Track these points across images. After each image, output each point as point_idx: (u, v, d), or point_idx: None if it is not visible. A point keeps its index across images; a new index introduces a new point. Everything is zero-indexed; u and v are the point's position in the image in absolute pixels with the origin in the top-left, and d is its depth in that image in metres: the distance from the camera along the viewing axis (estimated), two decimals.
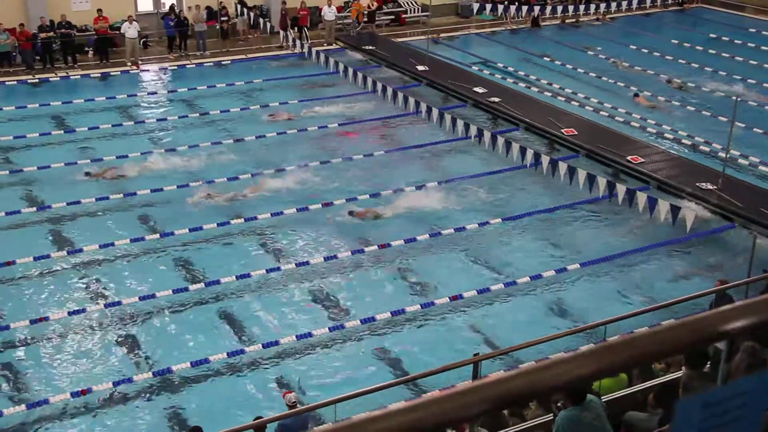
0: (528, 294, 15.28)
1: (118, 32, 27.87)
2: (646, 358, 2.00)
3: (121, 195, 18.47)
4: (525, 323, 14.21)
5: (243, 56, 28.95)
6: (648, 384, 9.03)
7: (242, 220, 17.53)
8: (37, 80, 25.88)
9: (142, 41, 28.63)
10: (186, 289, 15.03)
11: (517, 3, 34.15)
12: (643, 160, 19.90)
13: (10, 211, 17.49)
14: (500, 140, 21.00)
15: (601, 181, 18.46)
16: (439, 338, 14.00)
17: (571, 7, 34.46)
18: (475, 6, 33.54)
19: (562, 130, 21.78)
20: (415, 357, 13.37)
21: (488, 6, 33.28)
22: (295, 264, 15.94)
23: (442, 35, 32.17)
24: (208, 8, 29.66)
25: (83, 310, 14.31)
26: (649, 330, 2.06)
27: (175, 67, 27.78)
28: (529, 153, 20.13)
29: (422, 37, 31.41)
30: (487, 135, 21.43)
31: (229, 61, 28.34)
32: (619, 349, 1.98)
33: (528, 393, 1.96)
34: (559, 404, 7.24)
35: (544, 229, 17.60)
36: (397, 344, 13.80)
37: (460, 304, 14.90)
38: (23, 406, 11.97)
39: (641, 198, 17.74)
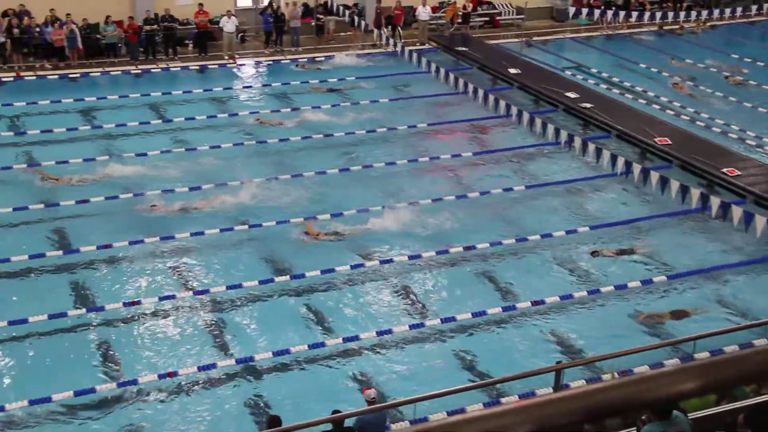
0: (612, 303, 15.02)
1: (217, 26, 28.60)
2: (755, 378, 1.99)
3: (213, 185, 18.93)
4: (608, 333, 13.98)
5: (335, 53, 29.26)
6: (738, 404, 8.78)
7: (328, 216, 17.74)
8: (139, 71, 26.77)
9: (239, 36, 29.28)
10: (272, 281, 15.31)
11: (614, 8, 33.59)
12: (739, 172, 19.32)
13: (108, 196, 18.13)
14: (591, 146, 20.71)
15: (695, 193, 18.01)
16: (519, 343, 13.90)
17: (670, 14, 33.63)
18: (571, 10, 33.08)
19: (656, 139, 21.32)
20: (494, 360, 13.31)
21: (584, 10, 32.79)
22: (379, 261, 16.07)
23: (535, 38, 31.90)
24: (305, 5, 30.11)
25: (173, 296, 14.74)
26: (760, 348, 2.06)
27: (270, 62, 28.30)
28: (620, 161, 19.79)
29: (515, 39, 31.31)
30: (577, 141, 21.17)
31: (322, 58, 28.70)
32: (727, 367, 1.98)
33: (624, 405, 1.98)
34: (643, 418, 7.10)
35: (632, 239, 17.27)
36: (476, 346, 13.76)
37: (542, 309, 14.76)
38: (114, 384, 12.43)
39: (736, 212, 17.23)
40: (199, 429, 11.83)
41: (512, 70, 26.67)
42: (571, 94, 24.53)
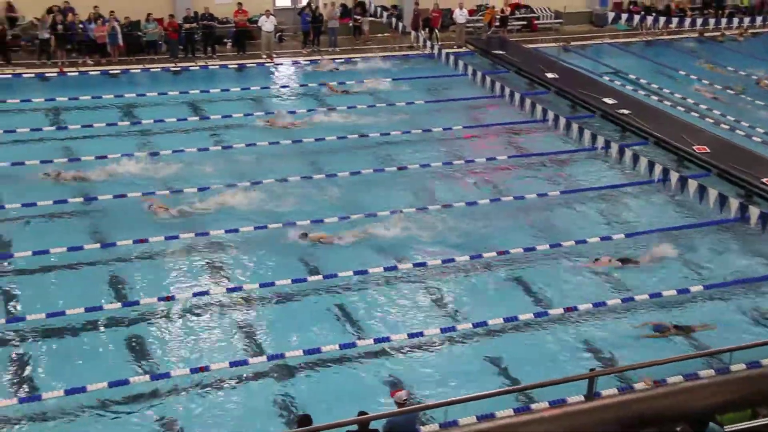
0: (646, 312, 14.87)
1: (255, 26, 28.81)
2: None
3: (248, 183, 19.07)
4: (641, 342, 13.86)
5: (372, 54, 29.35)
6: None
7: (363, 215, 17.78)
8: (178, 68, 27.05)
9: (277, 35, 29.47)
10: (304, 280, 15.39)
11: (654, 14, 33.29)
12: None
13: (146, 191, 18.34)
14: (628, 153, 20.55)
15: (733, 203, 17.79)
16: (550, 349, 13.81)
17: (711, 20, 33.26)
18: (611, 15, 32.86)
19: (694, 147, 21.10)
20: (525, 366, 13.25)
21: (624, 16, 32.54)
22: (412, 264, 16.08)
23: (573, 43, 31.74)
24: (343, 6, 30.21)
25: (207, 293, 14.87)
26: None
27: (307, 62, 28.43)
28: (658, 168, 19.61)
29: (553, 44, 31.18)
30: (614, 147, 21.02)
31: (359, 59, 28.79)
32: (764, 380, 1.97)
33: (660, 416, 1.97)
34: (678, 429, 7.05)
35: (666, 247, 17.08)
36: (507, 351, 13.70)
37: (574, 315, 14.67)
38: (147, 377, 12.58)
39: None
40: (228, 424, 11.91)
41: (549, 75, 26.54)
42: (609, 100, 24.37)
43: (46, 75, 25.76)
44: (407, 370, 13.17)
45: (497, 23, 31.77)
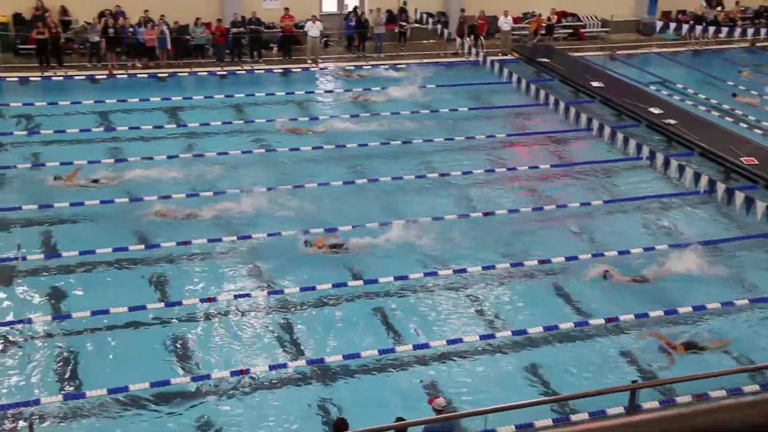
0: (689, 325, 14.67)
1: (302, 30, 29.04)
2: None
3: (290, 186, 19.23)
4: (684, 355, 13.66)
5: (417, 61, 29.40)
6: None
7: (404, 221, 17.82)
8: (225, 72, 27.36)
9: (323, 40, 29.66)
10: (345, 284, 15.45)
11: (704, 23, 32.85)
12: None
13: (190, 193, 18.58)
14: (673, 163, 20.30)
15: None
16: (591, 359, 13.69)
17: (763, 30, 32.70)
18: (659, 24, 32.49)
19: (742, 159, 20.77)
20: (564, 376, 13.16)
21: (672, 25, 32.16)
22: (453, 270, 16.07)
23: (620, 52, 31.45)
24: (389, 12, 30.31)
25: (248, 295, 15.01)
26: None
27: (352, 67, 28.56)
28: (704, 179, 19.35)
29: (600, 53, 30.95)
30: (659, 157, 20.79)
31: (404, 65, 28.86)
32: None
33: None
34: None
35: (712, 260, 16.85)
36: (546, 360, 13.62)
37: (616, 327, 14.53)
38: (188, 378, 12.73)
39: None
40: (266, 427, 12.00)
41: (595, 83, 26.34)
42: (655, 110, 24.10)
43: (96, 77, 26.25)
44: (445, 376, 13.16)
45: (543, 31, 31.62)
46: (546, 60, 28.86)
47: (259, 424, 12.04)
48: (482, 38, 30.60)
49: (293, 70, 28.00)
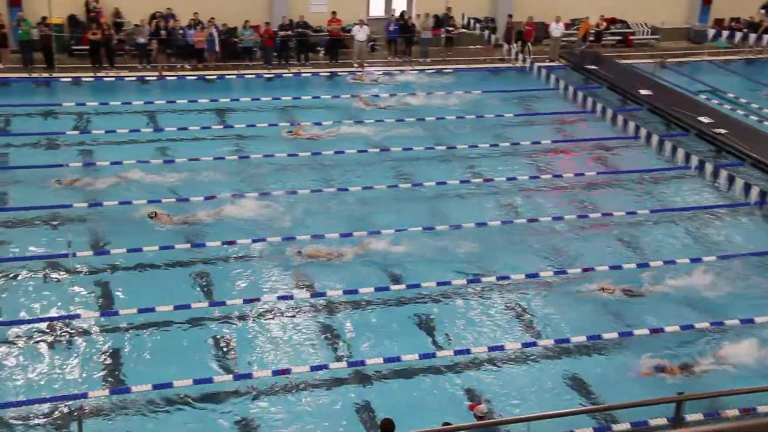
0: (736, 337, 14.41)
1: (348, 34, 29.18)
2: None
3: (335, 189, 19.34)
4: (729, 368, 13.43)
5: (464, 66, 29.37)
6: None
7: (447, 226, 17.81)
8: (272, 75, 27.60)
9: (369, 44, 29.76)
10: (387, 288, 15.49)
11: (758, 31, 32.26)
12: None
13: (237, 192, 18.76)
14: (723, 173, 19.99)
15: None
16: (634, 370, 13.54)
17: None
18: (711, 32, 31.99)
19: None
20: (607, 385, 13.03)
21: (725, 33, 31.66)
22: (496, 278, 16.01)
23: (670, 60, 31.04)
24: (436, 17, 30.32)
25: (291, 297, 15.12)
26: None
27: (398, 72, 28.62)
28: (754, 190, 19.02)
29: (649, 60, 30.61)
30: (708, 167, 20.49)
31: (450, 70, 28.85)
32: None
33: None
34: None
35: (762, 272, 16.55)
36: (589, 369, 13.50)
37: (661, 338, 14.34)
38: (230, 376, 12.88)
39: None
40: (305, 427, 12.09)
41: (643, 91, 26.04)
42: (705, 119, 23.75)
43: (147, 78, 26.66)
44: (486, 383, 13.11)
45: (591, 38, 31.37)
46: (594, 67, 28.60)
47: (298, 424, 12.12)
48: (529, 44, 30.46)
49: (339, 73, 28.12)
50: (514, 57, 29.30)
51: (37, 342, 13.57)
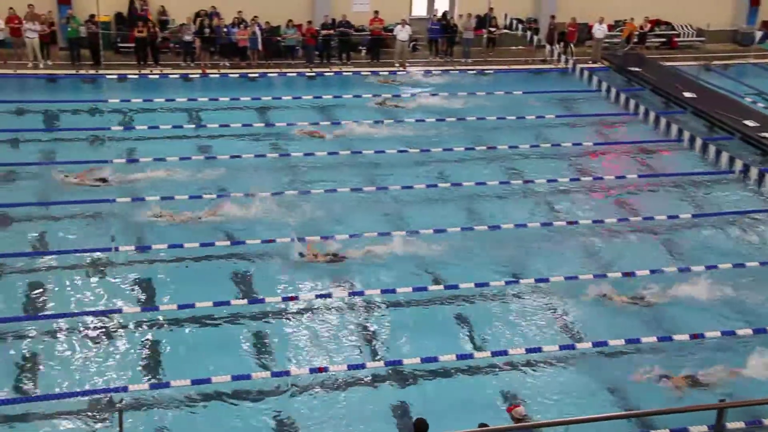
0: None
1: (390, 34, 29.23)
2: None
3: (374, 188, 19.43)
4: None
5: (505, 67, 29.27)
6: None
7: (486, 227, 17.78)
8: (313, 74, 27.75)
9: (411, 44, 29.78)
10: (425, 289, 15.51)
11: None
12: None
13: (276, 191, 18.89)
14: None
15: None
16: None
17: None
18: (758, 34, 31.48)
19: None
20: (646, 391, 12.89)
21: None
22: (534, 280, 15.95)
23: (715, 62, 30.59)
24: (478, 17, 30.23)
25: (329, 295, 15.20)
26: None
27: (439, 72, 28.59)
28: None
29: (693, 62, 30.19)
30: (753, 171, 20.18)
31: (491, 71, 28.77)
32: None
33: None
34: None
35: None
36: (625, 373, 13.38)
37: (701, 343, 14.16)
38: (268, 373, 13.00)
39: None
40: (340, 425, 12.15)
41: (687, 94, 25.72)
42: (750, 123, 23.38)
43: (190, 76, 26.97)
44: (523, 385, 13.07)
45: (635, 39, 31.03)
46: (637, 69, 28.31)
47: (334, 422, 12.18)
48: (572, 45, 30.24)
49: (381, 73, 28.16)
50: (556, 58, 29.12)
51: (80, 335, 13.81)
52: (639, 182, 20.75)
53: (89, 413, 12.05)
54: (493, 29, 30.41)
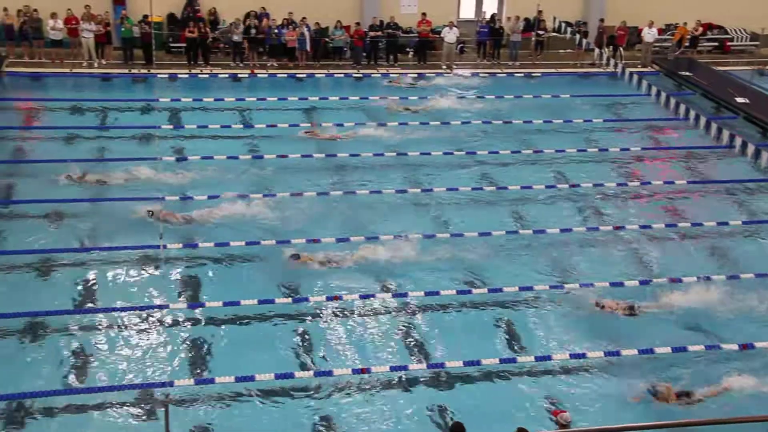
0: None
1: (438, 36, 29.21)
2: None
3: (419, 190, 19.44)
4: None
5: (553, 70, 29.07)
6: None
7: (531, 231, 17.72)
8: (360, 75, 27.86)
9: (459, 46, 29.73)
10: (469, 292, 15.49)
11: None
12: None
13: (322, 191, 19.01)
14: None
15: None
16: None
17: None
18: None
19: None
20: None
21: None
22: (579, 284, 15.83)
23: None
24: (526, 20, 30.07)
25: (372, 296, 15.25)
26: None
27: (486, 75, 28.50)
28: None
29: (747, 67, 29.67)
30: None
31: (539, 74, 28.60)
32: None
33: None
34: None
35: None
36: (675, 381, 13.20)
37: (751, 353, 13.93)
38: (311, 373, 13.10)
39: None
40: (381, 426, 12.20)
41: (740, 99, 25.29)
42: None
43: (239, 76, 27.27)
44: (566, 391, 12.98)
45: (687, 43, 30.60)
46: (688, 73, 27.92)
47: (375, 423, 12.23)
48: (621, 49, 29.92)
49: (427, 74, 28.17)
50: (605, 62, 28.85)
51: (128, 330, 14.06)
52: (688, 188, 20.46)
53: (136, 407, 12.26)
54: (541, 32, 30.22)
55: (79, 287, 15.22)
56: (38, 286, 15.24)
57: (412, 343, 14.10)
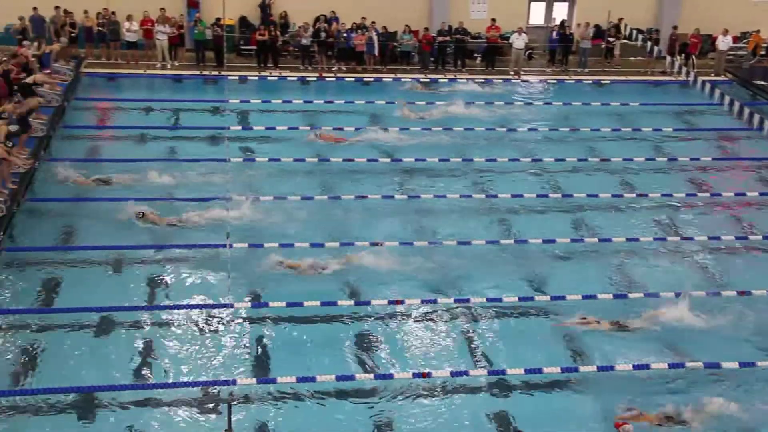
0: None
1: (506, 42, 29.10)
2: None
3: (484, 196, 19.42)
4: None
5: (623, 77, 28.70)
6: None
7: (596, 239, 17.55)
8: (427, 80, 27.91)
9: (527, 53, 29.57)
10: (531, 299, 15.42)
11: None
12: None
13: (386, 195, 19.12)
14: None
15: None
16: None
17: None
18: None
19: None
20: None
21: None
22: (644, 294, 15.60)
23: None
24: (597, 26, 29.74)
25: (434, 301, 15.28)
26: None
27: (555, 81, 28.29)
28: None
29: None
30: None
31: (608, 81, 28.27)
32: None
33: None
34: None
35: None
36: (739, 396, 12.93)
37: None
38: (371, 375, 13.21)
39: None
40: (438, 430, 12.21)
41: None
42: None
43: (307, 79, 27.60)
44: (628, 401, 12.79)
45: (762, 52, 29.85)
46: (763, 83, 27.25)
47: (434, 428, 12.26)
48: (694, 57, 29.37)
49: (495, 80, 28.07)
50: (676, 70, 28.36)
51: (193, 327, 14.35)
52: (760, 200, 19.99)
53: (200, 404, 12.51)
54: (611, 39, 29.84)
55: (148, 285, 15.56)
56: (111, 283, 15.64)
57: (473, 349, 14.08)
